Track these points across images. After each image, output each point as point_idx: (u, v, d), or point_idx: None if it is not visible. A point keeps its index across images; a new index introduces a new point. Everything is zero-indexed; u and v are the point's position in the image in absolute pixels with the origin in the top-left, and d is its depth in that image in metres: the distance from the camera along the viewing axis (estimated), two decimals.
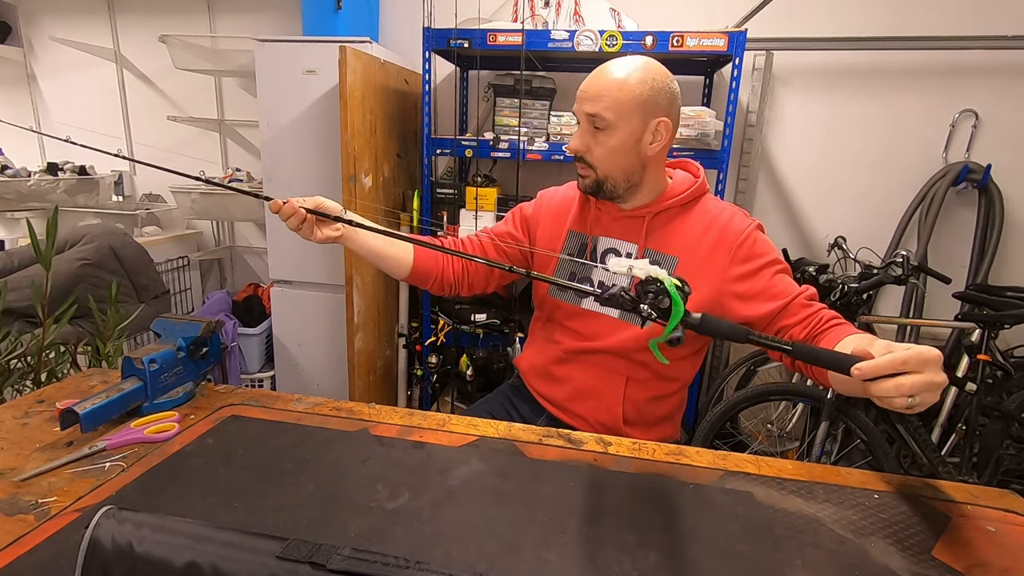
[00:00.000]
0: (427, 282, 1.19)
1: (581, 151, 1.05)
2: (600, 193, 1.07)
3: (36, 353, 1.43)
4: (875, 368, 0.65)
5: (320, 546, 0.51)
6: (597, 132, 1.02)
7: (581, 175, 1.08)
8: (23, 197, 2.67)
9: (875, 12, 2.13)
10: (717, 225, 1.05)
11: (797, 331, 0.96)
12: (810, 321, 0.95)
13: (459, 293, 1.23)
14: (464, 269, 1.21)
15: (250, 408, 0.96)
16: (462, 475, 0.79)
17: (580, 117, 1.04)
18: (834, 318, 0.94)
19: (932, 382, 0.64)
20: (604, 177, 1.05)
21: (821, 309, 0.96)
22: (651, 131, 1.01)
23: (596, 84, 1.01)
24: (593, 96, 1.00)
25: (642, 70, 0.99)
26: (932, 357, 0.65)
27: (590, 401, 1.12)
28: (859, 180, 2.28)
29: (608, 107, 0.99)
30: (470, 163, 2.35)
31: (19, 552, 0.61)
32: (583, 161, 1.05)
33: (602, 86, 1.00)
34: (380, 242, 1.12)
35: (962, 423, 1.91)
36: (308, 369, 2.47)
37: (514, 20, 2.12)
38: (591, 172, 1.05)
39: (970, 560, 0.66)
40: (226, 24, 2.72)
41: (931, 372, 0.65)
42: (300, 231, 1.01)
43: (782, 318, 0.97)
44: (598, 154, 1.03)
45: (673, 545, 0.66)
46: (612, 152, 1.02)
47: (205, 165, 2.89)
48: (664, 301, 0.68)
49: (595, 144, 1.03)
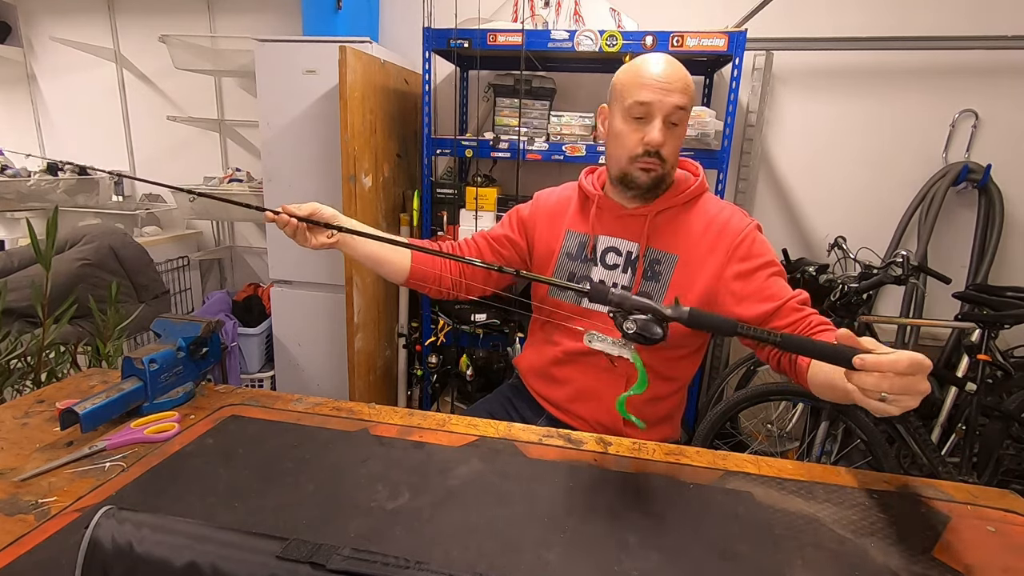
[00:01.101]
0: (425, 286, 1.19)
1: (663, 145, 1.01)
2: (658, 188, 1.06)
3: (36, 353, 1.43)
4: (877, 363, 0.65)
5: (320, 546, 0.51)
6: (673, 126, 1.01)
7: (648, 168, 1.03)
8: (23, 197, 2.67)
9: (875, 12, 2.13)
10: (716, 223, 1.06)
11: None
12: (799, 324, 0.96)
13: (458, 297, 1.23)
14: (461, 272, 1.21)
15: (250, 408, 0.96)
16: (462, 475, 0.79)
17: (660, 110, 0.99)
18: (823, 323, 0.95)
19: (916, 387, 0.65)
20: (670, 169, 1.05)
21: (811, 314, 0.97)
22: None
23: (675, 73, 0.99)
24: (680, 88, 0.99)
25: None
26: (926, 365, 0.66)
27: (590, 402, 1.12)
28: (859, 180, 2.28)
29: (690, 99, 1.01)
30: (470, 163, 2.35)
31: (19, 552, 0.61)
32: (658, 156, 1.02)
33: (682, 78, 1.00)
34: (377, 248, 1.11)
35: (962, 423, 1.91)
36: (308, 369, 2.47)
37: (514, 20, 2.12)
38: (662, 166, 1.03)
39: (970, 560, 0.66)
40: (226, 24, 2.72)
41: (918, 378, 0.65)
42: (295, 239, 1.01)
43: (773, 320, 0.98)
44: (672, 147, 1.03)
45: (673, 545, 0.66)
46: (680, 144, 1.04)
47: (205, 165, 2.89)
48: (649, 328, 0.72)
49: (671, 137, 1.02)
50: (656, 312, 0.73)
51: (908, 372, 0.64)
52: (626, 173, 1.05)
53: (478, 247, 1.22)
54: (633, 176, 1.04)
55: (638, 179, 1.04)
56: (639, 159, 1.02)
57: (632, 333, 0.73)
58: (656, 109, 0.99)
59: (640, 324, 0.73)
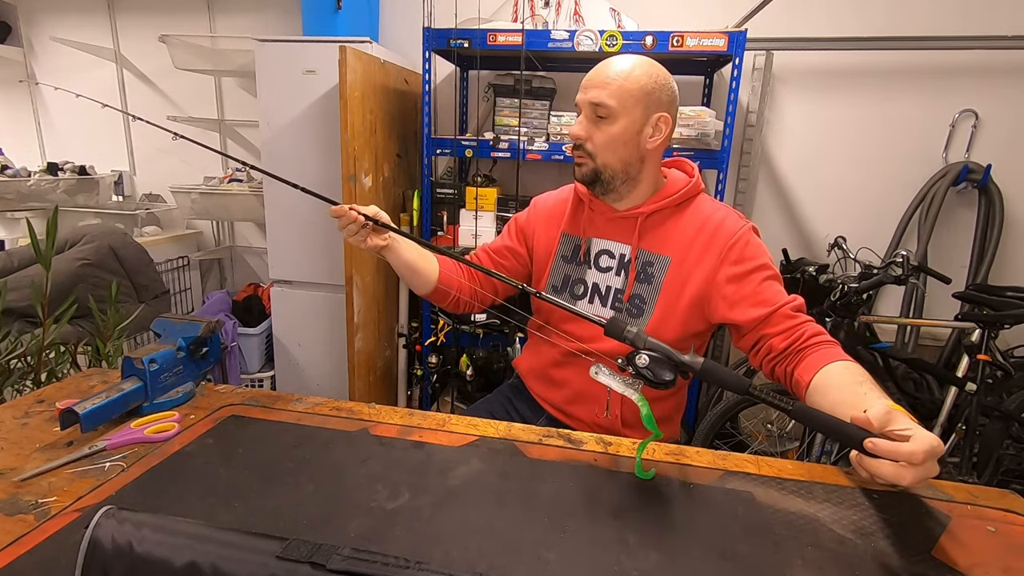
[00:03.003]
0: (446, 299, 1.20)
1: (582, 138, 1.04)
2: (597, 183, 1.07)
3: (36, 353, 1.43)
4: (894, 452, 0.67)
5: (320, 546, 0.51)
6: (600, 121, 1.02)
7: (578, 163, 1.07)
8: (23, 197, 2.67)
9: (875, 12, 2.13)
10: (710, 225, 1.05)
11: (778, 341, 0.95)
12: (792, 333, 0.95)
13: (471, 310, 1.25)
14: (480, 287, 1.22)
15: (250, 408, 0.96)
16: (462, 475, 0.79)
17: (583, 106, 1.03)
18: (818, 334, 0.94)
19: (927, 476, 0.67)
20: (603, 166, 1.04)
21: (806, 322, 0.96)
22: (651, 125, 1.02)
23: (602, 73, 1.01)
24: (599, 84, 1.01)
25: (646, 65, 1.01)
26: (940, 451, 0.67)
27: (588, 404, 1.12)
28: (859, 180, 2.28)
29: (612, 95, 1.00)
30: (470, 163, 2.36)
31: (19, 552, 0.61)
32: (582, 149, 1.05)
33: (608, 75, 1.00)
34: (418, 256, 1.14)
35: (962, 423, 1.91)
36: (308, 369, 2.47)
37: (514, 20, 2.12)
38: (589, 160, 1.05)
39: (970, 560, 0.66)
40: (226, 24, 2.72)
41: (930, 465, 0.67)
42: (354, 237, 1.03)
43: (765, 326, 0.97)
44: (599, 141, 1.03)
45: (673, 545, 0.66)
46: (612, 140, 1.02)
47: (205, 165, 2.89)
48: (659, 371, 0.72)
49: (596, 132, 1.03)
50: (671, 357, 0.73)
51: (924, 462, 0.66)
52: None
53: (480, 262, 1.23)
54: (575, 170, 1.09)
55: (575, 172, 1.09)
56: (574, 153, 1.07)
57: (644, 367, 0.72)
58: (580, 105, 1.04)
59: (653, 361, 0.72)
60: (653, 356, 0.72)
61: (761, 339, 0.98)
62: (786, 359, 0.95)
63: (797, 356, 0.93)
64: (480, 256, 1.25)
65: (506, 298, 1.25)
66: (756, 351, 1.00)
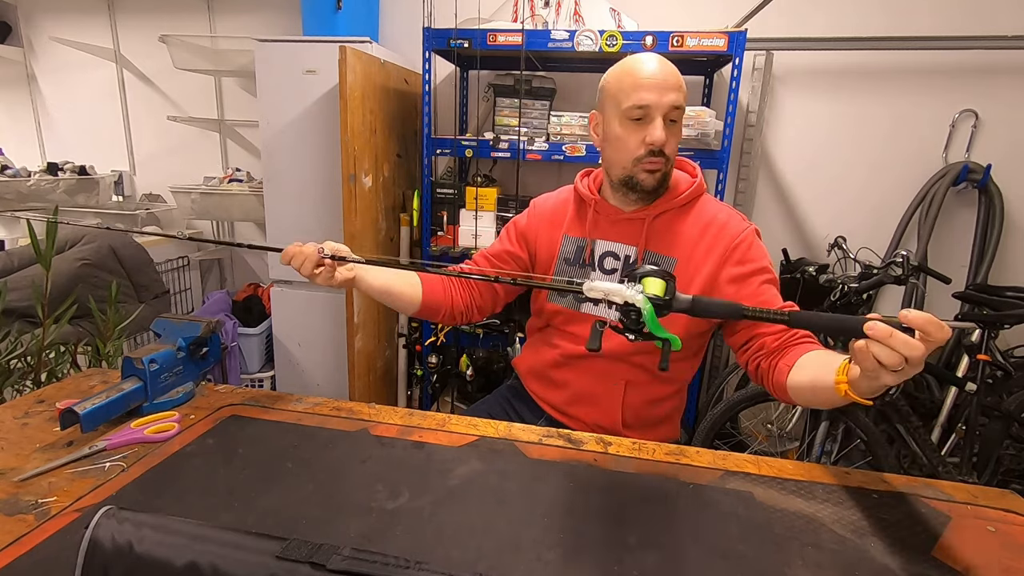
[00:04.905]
0: (438, 314, 1.17)
1: (663, 143, 1.00)
2: (660, 188, 1.06)
3: (36, 353, 1.43)
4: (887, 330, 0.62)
5: (320, 546, 0.51)
6: (672, 123, 1.02)
7: (651, 170, 1.03)
8: (23, 197, 2.67)
9: (875, 12, 2.13)
10: (715, 225, 1.05)
11: (770, 340, 0.96)
12: (783, 333, 0.96)
13: (471, 320, 1.22)
14: (471, 296, 1.20)
15: (250, 408, 0.96)
16: (462, 475, 0.79)
17: (658, 109, 0.99)
18: (807, 336, 0.95)
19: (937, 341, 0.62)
20: (672, 168, 1.06)
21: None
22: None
23: (667, 73, 1.00)
24: (675, 86, 1.00)
25: None
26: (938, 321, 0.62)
27: (589, 406, 1.12)
28: (859, 180, 2.28)
29: (685, 96, 1.01)
30: (470, 163, 2.35)
31: (19, 552, 0.61)
32: (661, 154, 1.02)
33: (676, 76, 1.00)
34: (392, 279, 1.10)
35: (962, 423, 1.91)
36: (308, 369, 2.47)
37: (514, 20, 2.12)
38: (665, 164, 1.03)
39: (970, 560, 0.66)
40: (226, 24, 2.72)
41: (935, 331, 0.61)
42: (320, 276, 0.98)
43: (759, 327, 0.98)
44: (673, 145, 1.03)
45: (673, 545, 0.66)
46: (679, 142, 1.04)
47: (205, 165, 2.89)
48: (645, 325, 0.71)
49: (671, 135, 1.02)
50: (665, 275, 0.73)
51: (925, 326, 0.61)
52: (631, 176, 1.04)
53: (479, 267, 1.22)
54: (638, 179, 1.04)
55: (643, 181, 1.03)
56: (643, 160, 1.02)
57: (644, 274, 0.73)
58: (655, 109, 0.99)
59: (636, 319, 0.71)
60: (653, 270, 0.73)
61: (754, 338, 0.99)
62: (772, 355, 0.96)
63: (785, 351, 0.95)
64: (479, 262, 1.23)
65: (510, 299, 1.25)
66: (746, 348, 1.01)
